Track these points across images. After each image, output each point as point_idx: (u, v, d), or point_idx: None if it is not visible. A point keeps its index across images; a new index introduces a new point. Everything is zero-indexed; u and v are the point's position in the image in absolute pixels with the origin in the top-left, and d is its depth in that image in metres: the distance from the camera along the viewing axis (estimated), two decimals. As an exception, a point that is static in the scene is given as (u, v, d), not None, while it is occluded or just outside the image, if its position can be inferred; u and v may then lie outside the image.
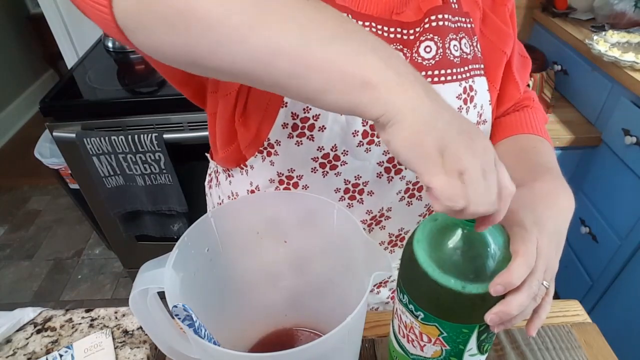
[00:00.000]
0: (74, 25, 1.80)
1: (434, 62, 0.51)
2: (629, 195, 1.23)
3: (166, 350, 0.44)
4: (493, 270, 0.37)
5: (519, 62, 0.62)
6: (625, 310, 1.27)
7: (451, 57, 0.51)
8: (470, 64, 0.54)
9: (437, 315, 0.39)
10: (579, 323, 0.59)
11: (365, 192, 0.56)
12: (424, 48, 0.51)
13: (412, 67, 0.33)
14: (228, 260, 0.48)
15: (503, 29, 0.57)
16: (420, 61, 0.51)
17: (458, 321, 0.39)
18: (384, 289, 0.70)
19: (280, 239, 0.50)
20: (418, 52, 0.51)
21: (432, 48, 0.51)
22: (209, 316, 0.41)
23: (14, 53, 2.88)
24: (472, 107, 0.54)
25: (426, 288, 0.38)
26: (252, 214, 0.48)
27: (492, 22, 0.57)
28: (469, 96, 0.53)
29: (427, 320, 0.40)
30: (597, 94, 1.35)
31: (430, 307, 0.39)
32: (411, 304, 0.40)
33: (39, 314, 0.60)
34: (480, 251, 0.38)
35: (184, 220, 1.43)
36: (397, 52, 0.34)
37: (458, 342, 0.40)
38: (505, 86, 0.61)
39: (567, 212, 0.44)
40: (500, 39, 0.57)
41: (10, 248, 2.06)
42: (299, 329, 0.57)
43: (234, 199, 0.61)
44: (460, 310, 0.38)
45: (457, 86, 0.52)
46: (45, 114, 1.25)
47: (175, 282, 0.39)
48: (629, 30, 1.37)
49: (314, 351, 0.33)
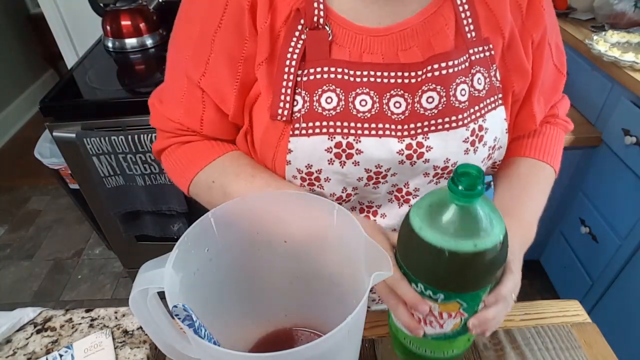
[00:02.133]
0: (74, 25, 1.80)
1: (437, 112, 0.50)
2: (629, 195, 1.23)
3: (166, 350, 0.44)
4: (493, 226, 0.40)
5: (552, 79, 0.60)
6: (625, 310, 1.27)
7: (456, 104, 0.50)
8: (482, 101, 0.52)
9: (457, 290, 0.41)
10: (579, 323, 0.59)
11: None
12: (426, 99, 0.50)
13: None
14: (228, 260, 0.48)
15: (523, 64, 0.54)
16: (422, 112, 0.50)
17: (476, 288, 0.42)
18: None
19: (280, 239, 0.50)
20: (420, 103, 0.50)
21: (434, 99, 0.50)
22: (209, 316, 0.41)
23: (14, 53, 2.88)
24: (481, 146, 0.53)
25: (444, 264, 0.40)
26: (252, 214, 0.48)
27: (516, 52, 0.53)
28: (478, 137, 0.52)
29: (448, 299, 0.42)
30: (597, 94, 1.35)
31: (451, 283, 0.41)
32: (428, 290, 0.42)
33: (39, 314, 0.60)
34: (477, 216, 0.39)
35: (184, 220, 1.43)
36: None
37: (474, 306, 0.43)
38: (521, 115, 0.59)
39: (526, 246, 0.53)
40: (516, 72, 0.54)
41: (10, 248, 2.06)
42: (299, 329, 0.57)
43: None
44: (477, 273, 0.40)
45: (463, 131, 0.51)
46: (45, 114, 1.25)
47: (175, 282, 0.39)
48: (629, 30, 1.37)
49: (314, 351, 0.33)
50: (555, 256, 1.61)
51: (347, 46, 0.50)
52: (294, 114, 0.50)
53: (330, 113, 0.50)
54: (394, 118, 0.50)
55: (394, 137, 0.50)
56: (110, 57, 1.51)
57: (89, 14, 1.51)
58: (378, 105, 0.50)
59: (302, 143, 0.50)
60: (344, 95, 0.49)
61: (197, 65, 0.53)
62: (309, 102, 0.50)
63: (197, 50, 0.53)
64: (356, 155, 0.51)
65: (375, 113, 0.50)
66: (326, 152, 0.50)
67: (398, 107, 0.50)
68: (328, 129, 0.50)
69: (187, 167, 0.58)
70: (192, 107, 0.56)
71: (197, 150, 0.59)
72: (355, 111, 0.50)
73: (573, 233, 1.49)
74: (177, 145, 0.60)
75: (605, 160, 1.33)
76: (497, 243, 0.39)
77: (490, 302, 0.43)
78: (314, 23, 0.49)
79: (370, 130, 0.50)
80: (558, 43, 0.59)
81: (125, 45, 1.50)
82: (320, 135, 0.50)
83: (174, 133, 0.59)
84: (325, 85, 0.49)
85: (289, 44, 0.49)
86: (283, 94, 0.50)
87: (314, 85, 0.50)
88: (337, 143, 0.50)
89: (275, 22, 0.50)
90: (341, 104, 0.49)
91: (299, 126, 0.50)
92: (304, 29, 0.49)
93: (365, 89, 0.50)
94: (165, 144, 0.61)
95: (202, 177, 0.57)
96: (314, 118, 0.50)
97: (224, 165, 0.57)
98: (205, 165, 0.57)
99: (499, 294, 0.43)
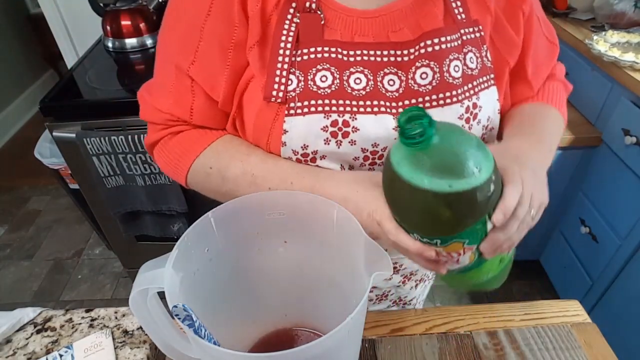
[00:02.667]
0: (74, 25, 1.80)
1: (431, 88, 0.50)
2: (629, 195, 1.23)
3: (166, 350, 0.44)
4: (471, 165, 0.38)
5: (545, 50, 0.61)
6: (625, 310, 1.27)
7: (450, 80, 0.51)
8: (475, 79, 0.53)
9: (450, 233, 0.41)
10: (579, 323, 0.59)
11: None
12: (420, 75, 0.50)
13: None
14: (228, 260, 0.48)
15: (512, 38, 0.55)
16: (417, 88, 0.50)
17: (468, 226, 0.40)
18: (396, 275, 0.68)
19: (280, 239, 0.50)
20: (414, 79, 0.50)
21: (428, 74, 0.50)
22: (209, 316, 0.42)
23: (14, 53, 2.88)
24: (475, 124, 0.53)
25: (426, 210, 0.39)
26: (252, 214, 0.48)
27: (503, 29, 0.55)
28: (472, 114, 0.52)
29: (446, 242, 0.42)
30: (597, 94, 1.35)
31: (441, 228, 0.40)
32: (425, 238, 0.42)
33: (39, 314, 0.60)
34: (447, 157, 0.38)
35: (184, 220, 1.43)
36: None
37: (480, 236, 0.42)
38: (516, 84, 0.60)
39: (542, 161, 0.51)
40: (507, 47, 0.56)
41: (10, 248, 2.06)
42: (299, 329, 0.57)
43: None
44: (462, 214, 0.39)
45: (458, 107, 0.51)
46: (45, 114, 1.25)
47: (175, 282, 0.39)
48: (629, 30, 1.37)
49: (314, 351, 0.33)
50: (555, 256, 1.61)
51: (339, 29, 0.51)
52: (288, 94, 0.50)
53: (325, 91, 0.50)
54: (388, 95, 0.51)
55: (389, 113, 0.51)
56: (110, 57, 1.51)
57: (89, 14, 1.52)
58: (373, 83, 0.50)
59: (298, 122, 0.50)
60: (338, 73, 0.50)
61: (186, 53, 0.53)
62: (304, 81, 0.50)
63: (186, 39, 0.53)
64: (352, 133, 0.50)
65: (370, 90, 0.50)
66: (322, 131, 0.50)
67: (392, 84, 0.51)
68: (324, 107, 0.50)
69: (181, 157, 0.58)
70: (181, 97, 0.56)
71: (189, 139, 0.58)
72: (350, 89, 0.50)
73: (573, 233, 1.49)
74: (169, 136, 0.60)
75: (605, 160, 1.33)
76: (479, 183, 0.37)
77: (499, 220, 0.41)
78: (306, 8, 0.50)
79: (365, 107, 0.50)
80: (543, 16, 0.61)
81: (125, 45, 1.50)
82: (316, 114, 0.50)
83: (164, 124, 0.59)
84: (320, 65, 0.50)
85: (282, 27, 0.50)
86: (278, 76, 0.50)
87: (308, 64, 0.50)
88: (333, 121, 0.50)
89: (267, 6, 0.50)
90: (336, 82, 0.50)
91: (294, 105, 0.50)
92: (295, 13, 0.50)
93: (359, 68, 0.50)
94: (157, 137, 0.60)
95: (198, 165, 0.57)
96: (309, 97, 0.50)
97: (218, 150, 0.57)
98: (200, 152, 0.57)
99: (505, 208, 0.41)
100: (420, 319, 0.60)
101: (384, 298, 0.71)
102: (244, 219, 0.48)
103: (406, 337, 0.58)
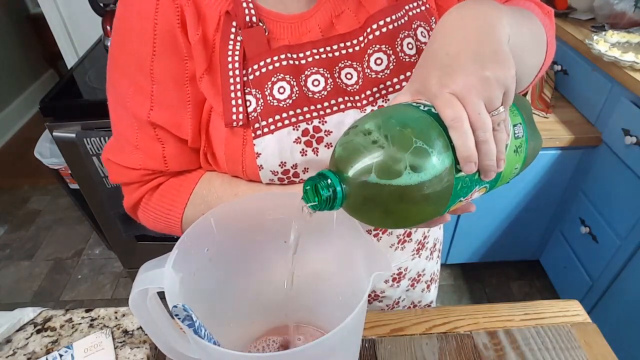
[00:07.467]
0: (74, 25, 1.80)
1: (389, 72, 0.49)
2: (629, 195, 1.23)
3: (166, 350, 0.44)
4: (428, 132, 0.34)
5: None
6: (625, 310, 1.27)
7: (407, 59, 0.49)
8: None
9: (442, 209, 0.37)
10: (579, 323, 0.59)
11: None
12: (375, 61, 0.49)
13: None
14: (228, 260, 0.48)
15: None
16: (374, 76, 0.49)
17: (449, 194, 0.36)
18: (404, 280, 0.68)
19: (280, 239, 0.50)
20: (370, 67, 0.49)
21: (382, 59, 0.49)
22: (208, 316, 0.41)
23: (14, 53, 2.87)
24: None
25: (387, 206, 0.35)
26: (252, 213, 0.48)
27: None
28: None
29: (448, 208, 0.38)
30: (597, 94, 1.35)
31: (429, 212, 0.37)
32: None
33: (39, 314, 0.60)
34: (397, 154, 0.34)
35: (184, 220, 1.43)
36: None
37: (470, 185, 0.37)
38: None
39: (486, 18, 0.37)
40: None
41: (10, 248, 2.06)
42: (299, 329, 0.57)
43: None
44: (443, 183, 0.35)
45: None
46: (45, 114, 1.25)
47: (175, 282, 0.39)
48: (629, 30, 1.37)
49: (314, 351, 0.33)
50: (555, 256, 1.61)
51: (286, 36, 0.50)
52: (250, 115, 0.49)
53: (287, 102, 0.48)
54: (350, 90, 0.50)
55: (356, 107, 0.50)
56: (110, 57, 1.51)
57: (89, 14, 1.51)
58: (332, 80, 0.49)
59: (269, 142, 0.49)
60: (295, 81, 0.49)
61: (141, 101, 0.51)
62: (262, 98, 0.48)
63: (137, 87, 0.50)
64: (326, 137, 0.49)
65: (331, 89, 0.49)
66: (295, 143, 0.49)
67: (350, 78, 0.50)
68: (289, 119, 0.48)
69: (170, 212, 0.56)
70: (149, 148, 0.53)
71: (171, 190, 0.56)
72: (310, 93, 0.49)
73: (573, 233, 1.49)
74: (149, 193, 0.57)
75: (605, 160, 1.33)
76: (437, 169, 0.33)
77: (468, 168, 0.34)
78: (247, 22, 0.48)
79: (332, 107, 0.49)
80: None
81: (125, 45, 1.50)
82: (284, 128, 0.48)
83: (140, 182, 0.56)
84: (274, 77, 0.48)
85: (226, 48, 0.48)
86: (233, 98, 0.48)
87: (262, 80, 0.48)
88: (304, 130, 0.49)
89: (207, 31, 0.48)
90: (295, 90, 0.48)
91: (259, 125, 0.49)
92: (238, 31, 0.48)
93: (314, 69, 0.49)
94: (136, 197, 0.57)
95: (189, 215, 0.56)
96: (272, 113, 0.48)
97: (202, 195, 0.55)
98: (185, 203, 0.55)
99: (462, 157, 0.34)
100: (420, 319, 0.60)
101: (395, 305, 0.70)
102: (244, 219, 0.48)
103: (406, 337, 0.58)
